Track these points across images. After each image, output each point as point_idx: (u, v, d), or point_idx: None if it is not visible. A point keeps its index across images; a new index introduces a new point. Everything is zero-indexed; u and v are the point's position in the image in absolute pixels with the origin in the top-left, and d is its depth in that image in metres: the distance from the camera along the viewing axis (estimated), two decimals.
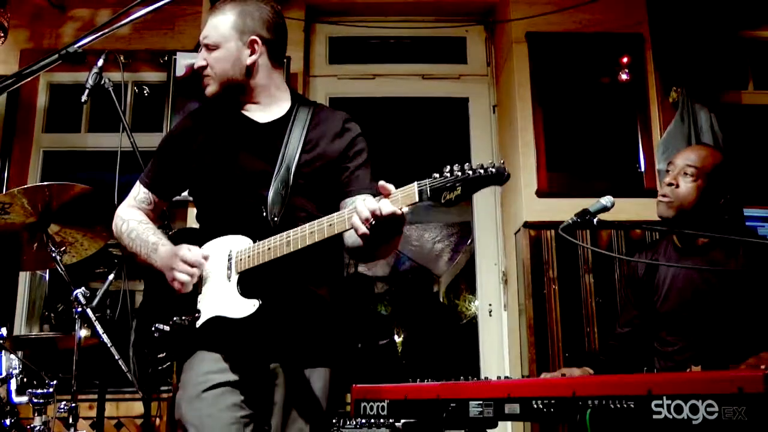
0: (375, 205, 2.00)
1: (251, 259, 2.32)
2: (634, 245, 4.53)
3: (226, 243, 2.43)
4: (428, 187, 1.96)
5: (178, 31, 5.41)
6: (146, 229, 2.58)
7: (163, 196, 2.72)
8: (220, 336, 2.37)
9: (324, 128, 2.56)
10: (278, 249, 2.25)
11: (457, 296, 10.76)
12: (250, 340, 2.38)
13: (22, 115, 5.47)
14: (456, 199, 1.94)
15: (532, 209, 4.67)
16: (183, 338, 2.43)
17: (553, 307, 4.52)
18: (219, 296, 2.39)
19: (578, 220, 2.84)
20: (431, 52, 5.74)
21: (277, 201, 2.40)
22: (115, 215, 2.70)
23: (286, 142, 2.50)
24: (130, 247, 2.58)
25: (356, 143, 2.56)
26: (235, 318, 2.31)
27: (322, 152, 2.51)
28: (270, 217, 2.38)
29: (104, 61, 3.62)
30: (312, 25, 5.60)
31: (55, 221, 3.72)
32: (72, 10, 5.58)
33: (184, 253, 2.37)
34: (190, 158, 2.58)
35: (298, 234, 2.21)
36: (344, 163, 2.52)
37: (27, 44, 5.49)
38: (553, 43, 4.97)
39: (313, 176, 2.48)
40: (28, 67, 1.95)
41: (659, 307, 3.28)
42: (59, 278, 3.67)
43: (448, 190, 1.94)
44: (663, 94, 4.81)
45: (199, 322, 2.39)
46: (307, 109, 2.62)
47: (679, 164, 3.28)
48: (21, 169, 5.42)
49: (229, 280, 2.37)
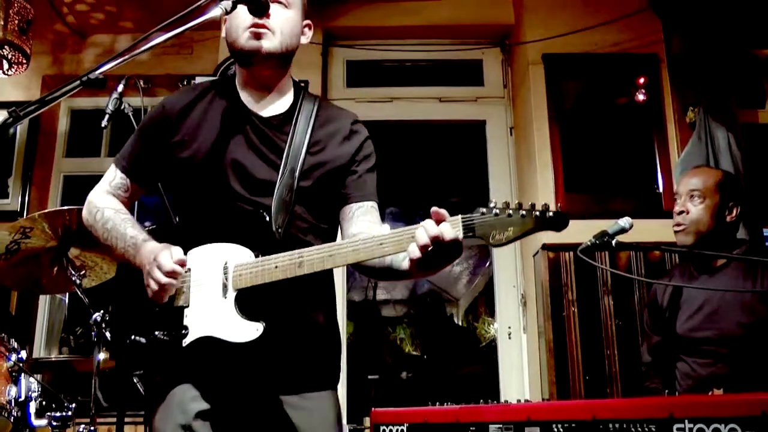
0: (437, 230, 1.81)
1: (254, 276, 2.05)
2: (653, 267, 4.50)
3: (221, 252, 2.14)
4: (476, 223, 1.81)
5: (197, 55, 5.47)
6: (124, 220, 2.28)
7: (142, 183, 2.41)
8: (212, 360, 2.10)
9: (331, 128, 2.37)
10: (288, 270, 2.01)
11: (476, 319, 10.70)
12: (250, 367, 2.13)
13: (43, 140, 5.54)
14: (506, 240, 1.80)
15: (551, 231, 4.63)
16: (164, 357, 2.13)
17: (573, 330, 4.49)
18: (212, 314, 2.08)
19: (597, 242, 2.83)
20: (448, 75, 5.76)
21: (281, 209, 2.17)
22: (87, 201, 2.40)
23: (290, 141, 2.27)
24: (104, 238, 2.29)
25: (364, 147, 2.39)
26: (233, 342, 2.03)
27: (329, 157, 2.31)
28: (275, 228, 2.13)
29: (124, 86, 3.63)
30: (329, 48, 5.64)
31: (75, 245, 3.72)
32: (92, 36, 5.67)
33: (162, 259, 2.06)
34: (179, 144, 2.29)
35: (314, 255, 1.98)
36: (351, 167, 2.34)
37: (49, 70, 5.58)
38: (570, 65, 4.98)
39: (317, 182, 2.26)
40: (50, 94, 1.94)
41: (681, 330, 3.26)
42: (78, 302, 3.67)
43: (498, 229, 1.79)
44: (680, 114, 4.80)
45: (186, 341, 2.08)
46: (312, 103, 2.40)
47: (683, 191, 3.29)
48: (42, 193, 5.49)
49: (224, 296, 2.08)
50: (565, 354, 4.46)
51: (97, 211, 2.33)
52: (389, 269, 2.13)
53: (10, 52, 4.44)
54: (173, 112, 2.33)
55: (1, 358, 3.60)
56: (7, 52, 4.42)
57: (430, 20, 5.52)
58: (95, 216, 2.33)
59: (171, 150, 2.29)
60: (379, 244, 1.92)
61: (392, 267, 2.11)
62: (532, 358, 4.86)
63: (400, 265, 2.06)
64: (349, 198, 2.32)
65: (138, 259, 2.15)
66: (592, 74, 4.97)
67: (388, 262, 2.11)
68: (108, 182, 2.39)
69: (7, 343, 3.66)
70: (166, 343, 2.11)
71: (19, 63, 4.55)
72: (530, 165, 4.94)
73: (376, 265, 2.15)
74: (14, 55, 4.47)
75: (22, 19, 4.47)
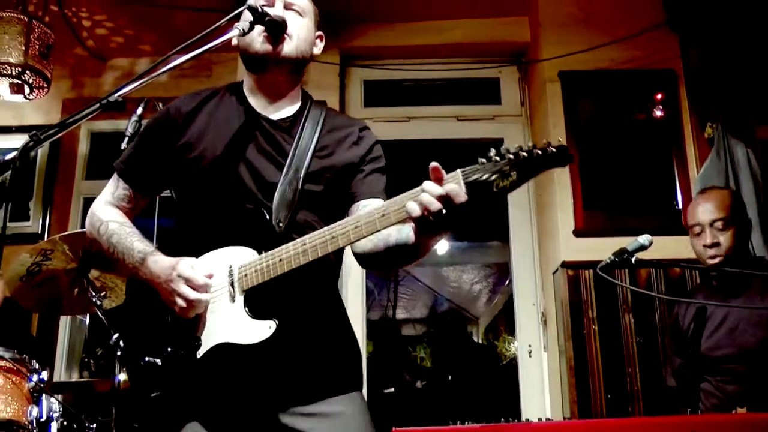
0: (439, 189, 1.75)
1: (259, 274, 2.00)
2: (673, 284, 4.47)
3: (224, 256, 2.10)
4: (476, 174, 1.74)
5: (215, 77, 5.50)
6: (130, 233, 2.21)
7: (145, 192, 2.36)
8: (227, 369, 2.03)
9: (340, 135, 2.34)
10: (293, 260, 1.95)
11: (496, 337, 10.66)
12: (266, 371, 2.06)
13: (63, 163, 5.58)
14: (511, 186, 1.72)
15: (570, 249, 4.63)
16: (179, 372, 2.06)
17: (594, 348, 4.46)
18: (222, 320, 2.04)
19: (616, 260, 2.82)
20: (465, 94, 5.76)
21: (283, 206, 2.12)
22: (90, 213, 2.33)
23: (296, 143, 2.23)
24: (110, 252, 2.22)
25: (373, 150, 2.36)
26: (247, 344, 1.97)
27: (336, 161, 2.27)
28: (275, 222, 2.08)
29: (143, 109, 3.66)
30: (346, 69, 5.67)
31: (96, 267, 3.75)
32: (112, 60, 5.73)
33: (190, 273, 2.02)
34: (186, 146, 2.25)
35: (316, 240, 1.93)
36: (359, 167, 2.30)
37: (69, 94, 5.64)
38: (586, 82, 4.96)
39: (324, 185, 2.23)
40: (71, 117, 1.96)
41: (702, 350, 3.23)
42: (99, 322, 3.69)
43: (500, 176, 1.72)
44: (698, 130, 4.77)
45: (200, 352, 2.04)
46: (319, 110, 2.37)
47: (705, 220, 3.26)
48: (62, 215, 5.52)
49: (232, 300, 2.04)
50: (586, 372, 4.42)
51: (101, 224, 2.26)
52: (396, 248, 2.05)
53: (32, 77, 4.49)
54: (179, 115, 2.29)
55: (23, 379, 3.62)
56: (28, 76, 4.47)
57: (446, 39, 5.54)
58: (99, 229, 2.26)
59: (177, 153, 2.25)
60: (381, 215, 1.85)
61: (398, 244, 2.03)
62: (553, 376, 4.83)
63: (407, 240, 1.98)
64: (356, 196, 2.27)
65: (149, 273, 2.10)
66: (609, 91, 4.96)
67: (393, 241, 2.04)
68: (110, 193, 2.34)
69: (29, 364, 3.68)
70: (180, 359, 2.06)
71: (40, 87, 4.60)
72: (548, 183, 4.93)
73: (382, 248, 2.09)
74: (35, 79, 4.52)
75: (42, 44, 4.53)
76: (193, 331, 2.07)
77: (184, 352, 2.05)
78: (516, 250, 5.33)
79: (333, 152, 2.29)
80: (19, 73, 4.43)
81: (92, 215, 2.32)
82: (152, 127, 2.36)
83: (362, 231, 1.88)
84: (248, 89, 2.37)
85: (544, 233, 5.13)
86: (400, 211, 1.82)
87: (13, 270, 3.60)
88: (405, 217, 1.81)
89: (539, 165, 1.73)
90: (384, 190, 2.30)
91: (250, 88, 2.36)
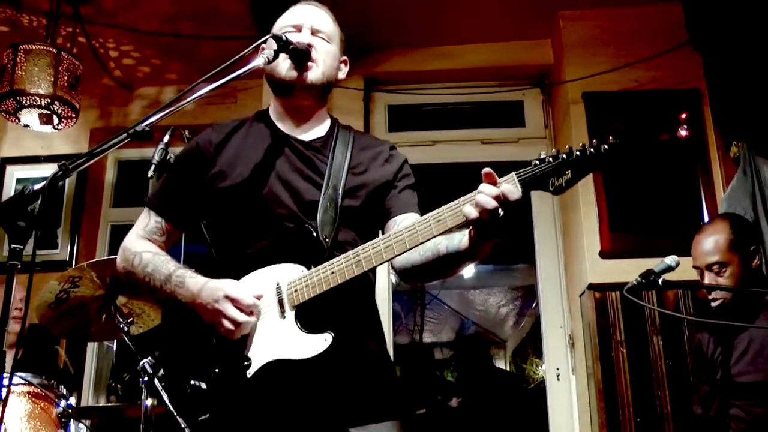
0: (497, 190, 1.79)
1: (311, 288, 2.00)
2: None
3: (270, 275, 2.10)
4: (531, 173, 1.81)
5: (241, 104, 5.56)
6: (165, 260, 2.20)
7: (178, 224, 2.35)
8: (279, 387, 2.02)
9: (371, 153, 2.37)
10: (346, 271, 1.96)
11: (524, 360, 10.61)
12: (319, 384, 2.04)
13: (91, 191, 5.65)
14: (567, 184, 1.78)
15: (596, 271, 4.60)
16: (229, 393, 2.04)
17: (622, 371, 4.41)
18: (272, 338, 2.03)
19: (643, 281, 2.81)
20: (489, 117, 5.76)
21: (326, 222, 2.13)
22: (122, 248, 2.30)
23: (331, 161, 2.26)
24: (146, 281, 2.19)
25: (404, 168, 2.39)
26: (301, 359, 1.97)
27: (372, 177, 2.30)
28: (322, 238, 2.09)
29: (170, 137, 3.67)
30: (371, 94, 5.70)
31: (123, 293, 3.78)
32: (139, 89, 5.80)
33: (238, 294, 2.02)
34: (216, 176, 2.25)
35: (370, 250, 1.94)
36: (393, 183, 2.32)
37: (97, 123, 5.71)
38: (610, 103, 4.95)
39: (364, 202, 2.25)
40: (99, 146, 1.98)
41: (732, 376, 3.19)
42: (126, 348, 3.71)
43: (555, 175, 1.79)
44: (724, 149, 4.72)
45: (251, 371, 2.02)
46: (348, 131, 2.42)
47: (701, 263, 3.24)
48: (90, 243, 5.58)
49: (282, 317, 2.04)
50: (615, 395, 4.38)
51: (134, 256, 2.24)
52: (446, 257, 2.03)
53: (60, 107, 4.55)
54: (209, 147, 2.31)
55: (51, 404, 3.65)
56: (57, 107, 4.53)
57: (469, 63, 5.56)
58: (132, 262, 2.24)
59: (209, 183, 2.26)
60: (437, 220, 1.87)
61: (449, 252, 2.01)
62: (582, 399, 4.78)
63: (458, 247, 1.98)
64: (391, 212, 2.30)
65: (190, 296, 2.09)
66: (633, 111, 4.93)
67: (444, 250, 2.03)
68: (142, 228, 2.32)
69: (57, 389, 3.71)
70: (228, 380, 2.04)
71: (68, 117, 4.67)
72: (574, 204, 4.91)
73: (431, 257, 2.07)
74: (64, 110, 4.58)
75: (71, 75, 4.59)
76: (241, 351, 2.05)
77: (233, 372, 2.04)
78: (542, 272, 5.31)
79: (367, 169, 2.32)
80: (48, 104, 4.50)
81: (124, 250, 2.30)
82: (182, 160, 2.38)
83: (418, 237, 1.89)
84: (275, 114, 2.40)
85: (570, 255, 5.11)
86: (456, 215, 1.85)
87: (42, 297, 3.63)
88: (461, 221, 1.84)
89: (593, 163, 1.77)
90: (417, 205, 2.33)
91: (277, 112, 2.40)
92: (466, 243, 1.94)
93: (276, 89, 2.37)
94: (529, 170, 1.82)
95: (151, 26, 5.14)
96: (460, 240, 1.96)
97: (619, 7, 5.14)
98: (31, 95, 4.44)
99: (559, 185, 1.78)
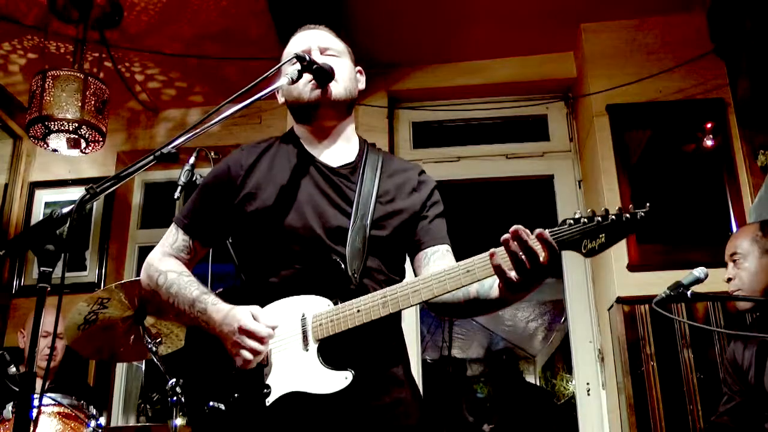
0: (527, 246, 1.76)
1: (335, 324, 1.99)
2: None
3: (297, 305, 2.09)
4: (565, 234, 1.77)
5: (266, 124, 5.60)
6: (189, 282, 2.19)
7: (205, 242, 2.34)
8: (297, 418, 2.00)
9: (399, 180, 2.34)
10: (372, 311, 1.95)
11: (553, 375, 10.53)
12: (337, 420, 2.00)
13: (118, 213, 5.71)
14: (599, 248, 1.75)
15: (625, 284, 4.56)
16: (246, 418, 2.03)
17: (653, 385, 4.36)
18: (294, 369, 2.02)
19: (672, 294, 2.78)
20: (514, 132, 5.76)
21: (355, 255, 2.11)
22: (146, 264, 2.31)
23: (359, 189, 2.24)
24: (169, 302, 2.20)
25: (433, 195, 2.37)
26: (320, 394, 1.95)
27: (400, 206, 2.27)
28: (351, 272, 2.07)
29: (196, 158, 3.70)
30: (395, 111, 5.73)
31: (151, 314, 3.80)
32: (164, 112, 5.86)
33: (252, 325, 2.00)
34: (245, 198, 2.23)
35: (398, 293, 1.94)
36: (422, 214, 2.30)
37: (123, 146, 5.79)
38: (635, 114, 4.93)
39: (393, 232, 2.23)
40: (126, 169, 1.99)
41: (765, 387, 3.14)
42: (154, 368, 3.72)
43: (589, 237, 1.76)
44: (751, 158, 4.67)
45: (270, 399, 2.01)
46: (376, 155, 2.39)
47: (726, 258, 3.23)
48: (118, 264, 5.64)
49: (305, 349, 2.02)
50: (646, 410, 4.33)
51: (159, 275, 2.24)
52: (476, 301, 2.04)
53: (88, 131, 4.60)
54: (239, 171, 2.28)
55: (81, 424, 3.68)
56: (84, 131, 4.58)
57: (492, 79, 5.57)
58: (157, 281, 2.24)
59: (238, 207, 2.24)
60: (466, 271, 1.87)
61: (479, 298, 2.03)
62: (613, 414, 4.74)
63: (488, 294, 1.99)
64: (422, 244, 2.28)
65: (211, 323, 2.08)
66: (658, 122, 4.91)
67: (474, 294, 2.04)
68: (169, 244, 2.32)
69: (86, 410, 3.75)
70: (247, 406, 2.03)
71: (95, 141, 4.72)
72: None
73: (461, 299, 2.08)
74: (91, 133, 4.63)
75: (98, 99, 4.64)
76: (262, 378, 2.05)
77: (253, 399, 2.03)
78: (570, 286, 5.28)
79: (394, 198, 2.29)
80: (75, 128, 4.55)
81: (149, 267, 2.30)
82: (213, 182, 2.35)
83: (446, 286, 1.89)
84: (303, 137, 2.39)
85: (597, 269, 5.07)
86: (485, 267, 1.84)
87: (71, 319, 3.66)
88: (491, 274, 1.84)
89: (627, 228, 1.74)
90: (446, 234, 2.32)
91: (304, 136, 2.39)
92: (496, 292, 1.95)
93: (299, 116, 2.37)
94: (563, 230, 1.78)
95: (175, 49, 5.20)
96: (491, 286, 1.97)
97: (641, 18, 5.13)
98: (59, 120, 4.49)
99: (592, 248, 1.75)
